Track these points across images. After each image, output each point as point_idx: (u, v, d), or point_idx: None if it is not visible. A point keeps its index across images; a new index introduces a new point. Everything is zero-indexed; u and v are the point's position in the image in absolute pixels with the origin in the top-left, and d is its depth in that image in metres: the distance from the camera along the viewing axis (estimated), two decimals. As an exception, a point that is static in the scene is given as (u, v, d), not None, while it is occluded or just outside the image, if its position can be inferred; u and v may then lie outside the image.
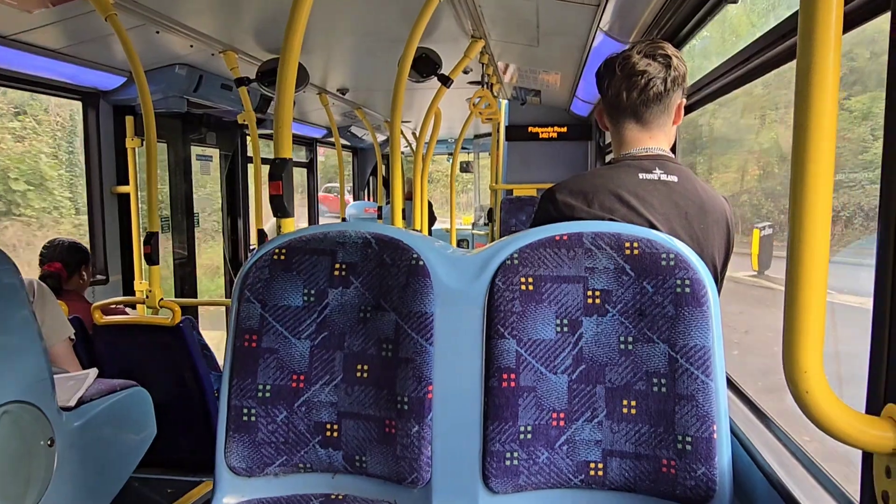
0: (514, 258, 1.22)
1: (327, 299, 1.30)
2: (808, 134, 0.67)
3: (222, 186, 5.31)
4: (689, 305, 1.14)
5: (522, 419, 1.19)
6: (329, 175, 12.10)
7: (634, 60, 1.42)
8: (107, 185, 3.89)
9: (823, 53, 0.66)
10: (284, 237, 1.35)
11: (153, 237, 2.98)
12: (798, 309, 0.68)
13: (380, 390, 1.26)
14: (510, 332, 1.21)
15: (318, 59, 4.02)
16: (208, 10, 3.00)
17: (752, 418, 1.46)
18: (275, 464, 1.28)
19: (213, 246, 5.72)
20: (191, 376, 2.85)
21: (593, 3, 2.55)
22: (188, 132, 4.75)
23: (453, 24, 3.08)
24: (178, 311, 2.83)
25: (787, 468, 1.18)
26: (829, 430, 0.69)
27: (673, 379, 1.14)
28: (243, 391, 1.29)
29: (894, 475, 0.69)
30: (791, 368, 0.69)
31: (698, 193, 1.42)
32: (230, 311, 1.34)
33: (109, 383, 2.50)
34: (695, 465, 1.11)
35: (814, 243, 0.68)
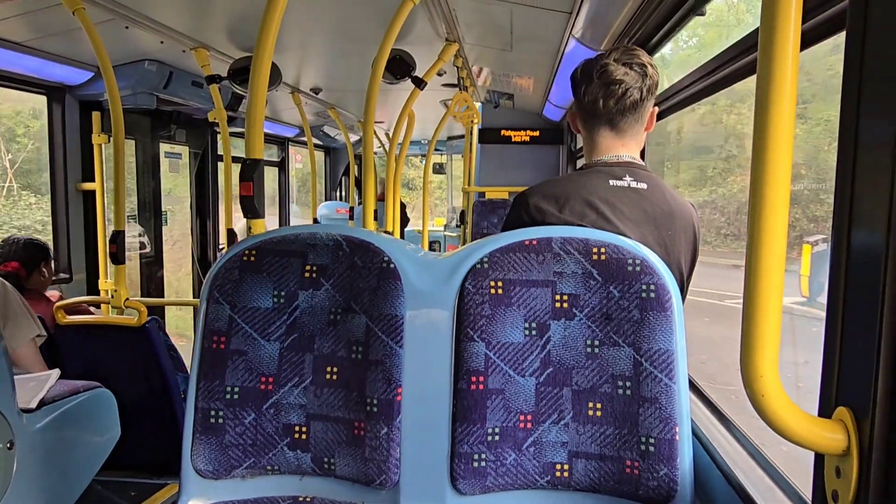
0: (484, 262, 1.24)
1: (297, 301, 1.30)
2: (766, 146, 0.70)
3: (191, 185, 5.24)
4: (654, 310, 1.17)
5: (490, 421, 1.21)
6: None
7: (612, 69, 1.43)
8: (72, 182, 3.81)
9: (782, 68, 0.69)
10: (255, 238, 1.34)
11: (119, 235, 2.93)
12: (755, 316, 0.71)
13: (349, 392, 1.26)
14: (479, 335, 1.22)
15: (292, 58, 4.00)
16: (179, 6, 2.96)
17: (713, 420, 1.49)
18: (242, 466, 1.27)
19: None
20: (157, 377, 2.81)
21: (566, 11, 2.58)
22: (157, 129, 4.67)
23: (427, 26, 3.09)
24: (145, 311, 2.79)
25: (745, 469, 1.21)
26: (783, 432, 0.72)
27: (637, 382, 1.17)
28: (211, 393, 1.28)
29: (843, 475, 0.72)
30: (748, 373, 0.72)
31: (667, 200, 1.45)
32: (198, 312, 1.33)
33: (72, 384, 2.45)
34: (657, 466, 1.14)
35: (770, 253, 0.70)
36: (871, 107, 0.69)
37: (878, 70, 0.68)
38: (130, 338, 2.77)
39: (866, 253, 0.69)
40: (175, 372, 2.87)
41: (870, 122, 0.69)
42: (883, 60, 0.67)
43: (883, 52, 0.67)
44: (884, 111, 0.67)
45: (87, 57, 3.44)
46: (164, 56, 3.64)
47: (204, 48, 3.49)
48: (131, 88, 3.70)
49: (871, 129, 0.69)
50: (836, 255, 0.74)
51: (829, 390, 0.76)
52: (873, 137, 0.69)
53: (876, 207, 0.68)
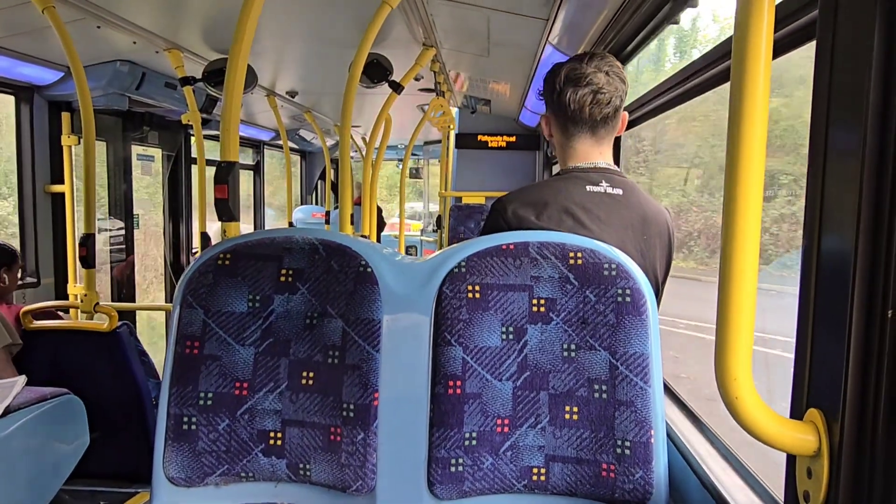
0: (461, 266, 1.24)
1: (273, 305, 1.28)
2: (739, 153, 0.71)
3: (164, 188, 5.16)
4: (630, 314, 1.18)
5: (468, 426, 1.20)
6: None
7: (599, 78, 1.43)
8: (40, 184, 3.72)
9: (755, 76, 0.70)
10: (229, 242, 1.33)
11: (89, 239, 2.87)
12: (729, 321, 0.72)
13: (325, 397, 1.25)
14: (457, 340, 1.22)
15: (267, 60, 3.97)
16: (153, 6, 2.92)
17: (688, 423, 1.51)
18: (215, 473, 1.25)
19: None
20: (128, 384, 2.76)
21: (543, 17, 2.60)
22: (129, 131, 4.60)
23: (405, 31, 3.09)
24: (115, 315, 2.73)
25: (719, 471, 1.23)
26: (756, 433, 0.73)
27: (613, 385, 1.18)
28: (184, 399, 1.26)
29: (815, 476, 0.73)
30: (722, 376, 0.73)
31: (642, 206, 1.47)
32: (171, 316, 1.31)
33: (39, 391, 2.40)
34: (633, 469, 1.15)
35: (743, 259, 0.71)
36: (840, 116, 0.71)
37: (847, 80, 0.70)
38: (100, 343, 2.72)
39: (836, 258, 0.71)
40: (146, 378, 2.82)
41: (839, 131, 0.71)
42: (851, 71, 0.69)
43: (851, 62, 0.69)
44: (852, 120, 0.68)
45: (56, 56, 3.38)
46: (136, 57, 3.59)
47: (178, 49, 3.44)
48: (102, 89, 3.64)
49: (840, 138, 0.71)
50: (807, 260, 0.76)
51: (800, 392, 0.78)
52: (842, 145, 0.70)
53: (845, 213, 0.69)
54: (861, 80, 0.67)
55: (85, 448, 2.55)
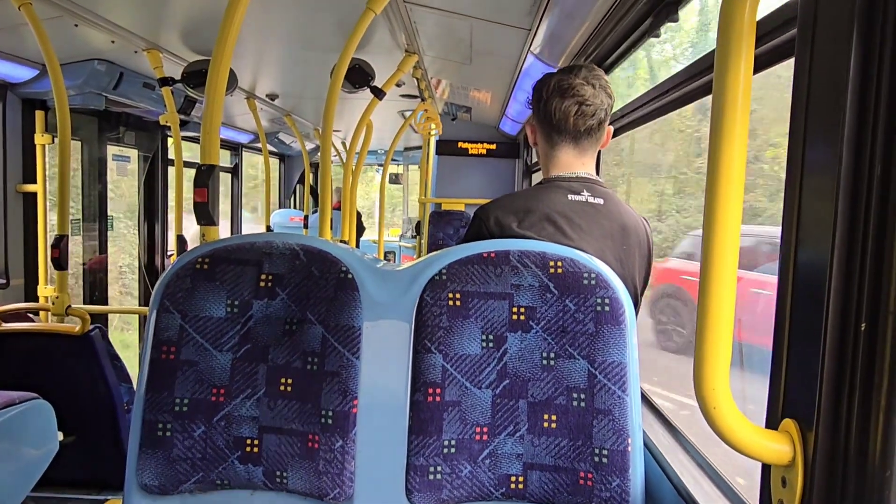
0: (442, 274, 1.24)
1: (251, 311, 1.27)
2: (720, 165, 0.72)
3: (140, 189, 5.09)
4: (609, 323, 1.19)
5: (447, 433, 1.20)
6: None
7: (585, 89, 1.45)
8: (11, 183, 3.65)
9: (735, 90, 0.71)
10: (208, 246, 1.31)
11: (62, 240, 2.81)
12: (707, 332, 0.73)
13: (304, 404, 1.24)
14: (437, 347, 1.22)
15: (248, 63, 3.94)
16: (132, 5, 2.88)
17: (664, 432, 1.53)
18: (190, 481, 1.23)
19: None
20: (99, 388, 2.70)
21: (525, 27, 2.62)
22: (105, 131, 4.53)
23: (388, 37, 3.09)
24: (88, 318, 2.68)
25: (694, 479, 1.24)
26: (733, 443, 0.74)
27: (592, 394, 1.19)
28: (159, 405, 1.24)
29: (789, 485, 0.74)
30: (700, 386, 0.74)
31: (622, 216, 1.48)
32: (147, 320, 1.28)
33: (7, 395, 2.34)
34: (610, 478, 1.16)
35: (723, 271, 0.73)
36: (817, 131, 0.72)
37: (824, 96, 0.71)
38: (72, 347, 2.66)
39: (811, 271, 0.72)
40: (119, 382, 2.77)
41: (815, 146, 0.73)
42: (828, 87, 0.71)
43: (828, 79, 0.71)
44: (828, 136, 0.70)
45: (32, 54, 3.32)
46: (114, 56, 3.54)
47: (157, 50, 3.40)
48: (79, 88, 3.58)
49: (817, 153, 0.72)
50: (784, 273, 0.77)
51: (775, 403, 0.79)
52: (819, 161, 0.72)
53: (820, 228, 0.71)
54: (837, 96, 0.68)
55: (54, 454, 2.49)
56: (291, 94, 5.09)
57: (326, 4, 2.72)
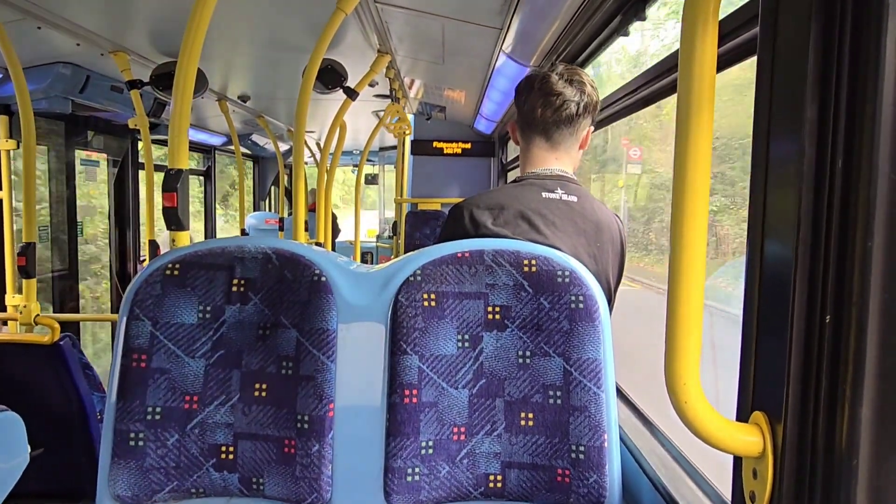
0: (417, 274, 1.24)
1: (224, 316, 1.25)
2: (686, 162, 0.73)
3: (110, 194, 5.00)
4: (583, 321, 1.20)
5: (424, 434, 1.20)
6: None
7: (553, 81, 1.49)
8: None
9: (700, 88, 0.72)
10: (178, 251, 1.29)
11: (29, 248, 2.75)
12: (677, 326, 0.74)
13: (279, 409, 1.23)
14: (413, 348, 1.22)
15: (218, 64, 3.89)
16: (97, 7, 2.83)
17: (640, 426, 1.54)
18: (164, 490, 1.21)
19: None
20: (71, 398, 2.65)
21: (496, 27, 2.63)
22: (72, 135, 4.43)
23: (359, 37, 3.07)
24: (57, 327, 2.62)
25: (670, 473, 1.25)
26: (704, 437, 0.75)
27: (567, 391, 1.19)
28: (130, 414, 1.21)
29: (760, 477, 0.76)
30: (671, 380, 0.75)
31: (595, 213, 1.49)
32: (117, 328, 1.26)
33: None
34: (587, 474, 1.16)
35: (691, 264, 0.73)
36: (780, 127, 0.74)
37: (786, 93, 0.73)
38: (42, 356, 2.60)
39: (777, 265, 0.74)
40: (91, 392, 2.72)
41: (779, 142, 0.74)
42: (789, 85, 0.72)
43: (789, 77, 0.72)
44: (790, 131, 0.71)
45: (-7, 58, 3.24)
46: (80, 59, 3.47)
47: (124, 52, 3.34)
48: (43, 92, 3.50)
49: (780, 147, 0.73)
50: (751, 267, 0.78)
51: (745, 395, 0.80)
52: (782, 154, 0.73)
53: (785, 223, 0.72)
54: (799, 93, 0.70)
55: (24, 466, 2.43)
56: (264, 95, 5.04)
57: (296, 5, 2.70)
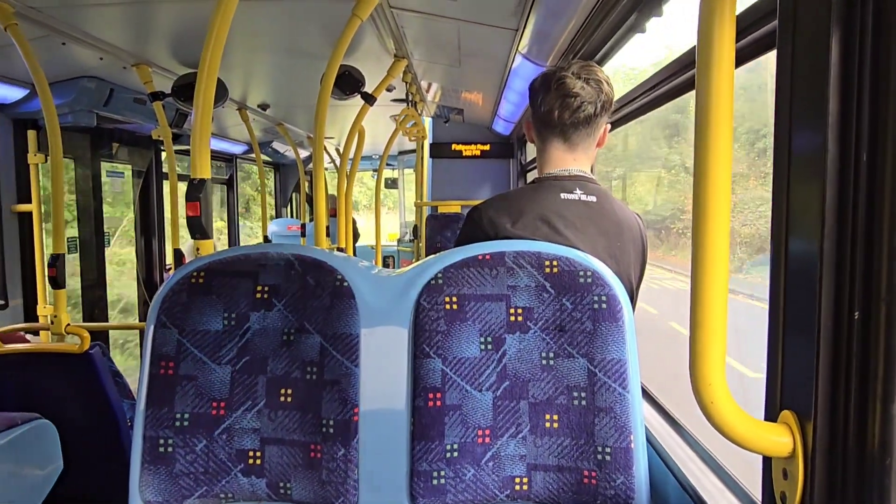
0: (438, 278, 1.24)
1: (249, 323, 1.27)
2: (706, 159, 0.72)
3: (135, 204, 5.08)
4: (606, 321, 1.19)
5: (449, 437, 1.20)
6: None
7: (570, 82, 1.45)
8: (6, 204, 3.64)
9: (718, 84, 0.71)
10: (203, 259, 1.31)
11: (59, 259, 2.81)
12: (702, 326, 0.73)
13: (304, 414, 1.24)
14: (435, 352, 1.22)
15: (238, 74, 3.94)
16: (119, 22, 2.88)
17: (667, 427, 1.52)
18: (194, 495, 1.23)
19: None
20: (102, 406, 2.70)
21: (512, 28, 2.63)
22: (98, 148, 4.52)
23: (376, 43, 3.09)
24: (87, 336, 2.67)
25: (698, 474, 1.24)
26: (731, 437, 0.74)
27: (592, 392, 1.18)
28: (159, 420, 1.23)
29: (791, 477, 0.74)
30: (697, 381, 0.74)
31: (615, 213, 1.48)
32: (145, 337, 1.28)
33: (9, 417, 2.34)
34: (614, 475, 1.15)
35: (714, 263, 0.72)
36: (802, 122, 0.72)
37: (807, 87, 0.72)
38: (72, 365, 2.66)
39: (803, 261, 0.72)
40: (121, 399, 2.77)
41: (801, 137, 0.73)
42: (810, 78, 0.71)
43: (810, 70, 0.71)
44: (813, 126, 0.70)
45: (20, 74, 3.31)
46: (103, 73, 3.53)
47: (146, 64, 3.40)
48: (69, 106, 3.57)
49: (803, 144, 0.72)
50: (776, 263, 0.77)
51: (773, 394, 0.79)
52: (805, 151, 0.72)
53: (810, 215, 0.71)
54: (820, 86, 0.69)
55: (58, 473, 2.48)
56: (283, 103, 5.09)
57: (312, 13, 2.72)
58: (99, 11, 2.67)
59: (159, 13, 2.79)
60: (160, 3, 2.63)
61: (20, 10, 2.44)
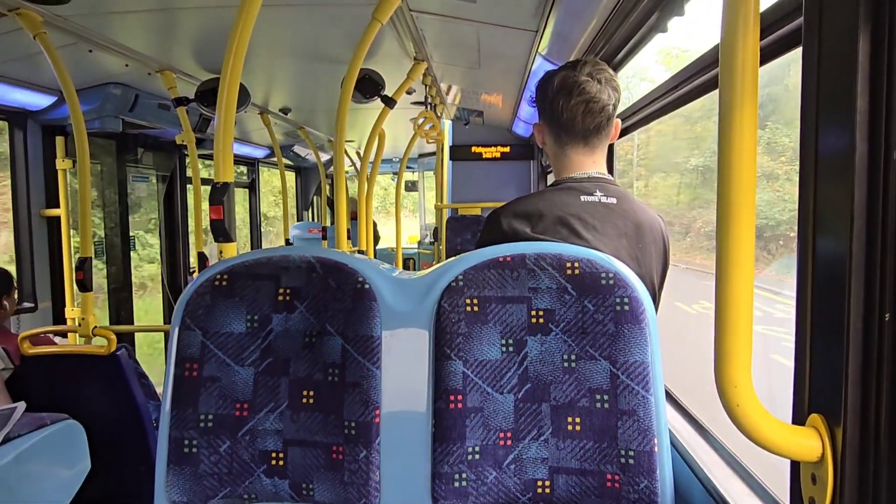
0: (459, 280, 1.24)
1: (271, 325, 1.28)
2: (730, 160, 0.71)
3: (160, 208, 5.16)
4: (629, 323, 1.18)
5: (470, 440, 1.20)
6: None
7: (590, 86, 1.42)
8: (35, 208, 3.72)
9: (742, 83, 0.70)
10: (226, 262, 1.32)
11: (86, 262, 2.86)
12: (727, 327, 0.72)
13: (326, 416, 1.25)
14: (456, 354, 1.22)
15: (260, 78, 3.98)
16: (143, 29, 2.94)
17: (691, 430, 1.51)
18: (218, 496, 1.24)
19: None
20: (128, 407, 2.74)
21: (532, 29, 2.62)
22: (123, 153, 4.61)
23: (396, 46, 3.10)
24: (114, 339, 2.72)
25: (724, 479, 1.22)
26: (758, 440, 0.73)
27: (615, 395, 1.17)
28: (184, 422, 1.25)
29: (819, 482, 0.73)
30: (722, 383, 0.73)
31: (636, 214, 1.47)
32: (169, 339, 1.30)
33: (39, 417, 2.38)
34: (638, 479, 1.14)
35: (739, 265, 0.71)
36: (829, 120, 0.71)
37: (834, 84, 0.70)
38: (99, 367, 2.70)
39: (831, 262, 0.71)
40: (147, 401, 2.81)
41: (828, 135, 0.71)
42: (838, 75, 0.70)
43: (837, 67, 0.70)
44: (841, 124, 0.69)
45: (49, 81, 3.39)
46: (128, 79, 3.60)
47: (170, 70, 3.46)
48: (96, 112, 3.64)
49: (830, 142, 0.71)
50: (803, 264, 0.76)
51: (801, 397, 0.77)
52: (832, 150, 0.71)
53: (837, 215, 0.70)
54: (848, 84, 0.67)
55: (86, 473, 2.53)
56: (304, 107, 5.14)
57: (333, 18, 2.75)
58: (124, 19, 2.73)
59: (183, 20, 2.83)
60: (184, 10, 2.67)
61: (49, 19, 2.50)
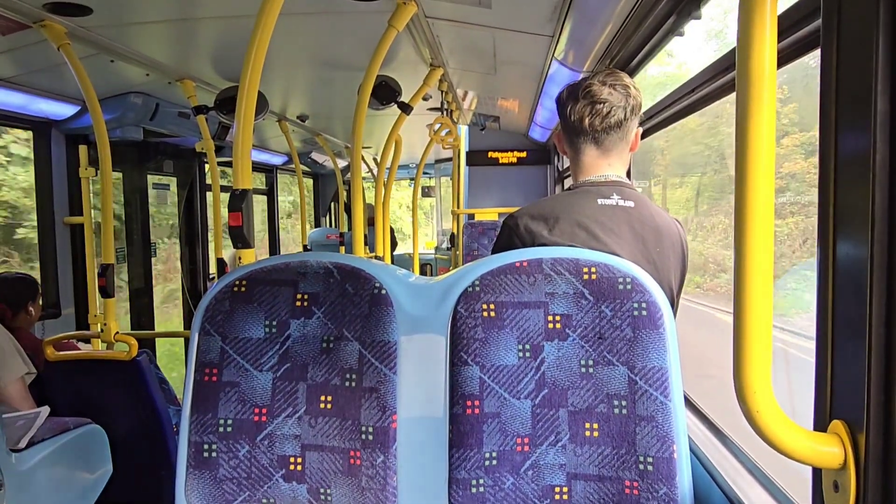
0: (475, 285, 1.24)
1: (289, 330, 1.29)
2: (748, 163, 0.71)
3: (180, 215, 5.23)
4: (647, 328, 1.17)
5: (487, 446, 1.20)
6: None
7: (597, 89, 1.47)
8: (59, 216, 3.79)
9: (760, 86, 0.70)
10: (245, 268, 1.34)
11: (108, 269, 2.91)
12: (746, 333, 0.71)
13: (344, 421, 1.25)
14: (473, 359, 1.22)
15: (277, 86, 4.02)
16: (164, 38, 2.98)
17: (711, 437, 1.49)
18: (237, 500, 1.25)
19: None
20: (149, 412, 2.77)
21: (548, 34, 2.62)
22: (144, 161, 4.67)
23: (412, 52, 3.12)
24: (135, 344, 2.76)
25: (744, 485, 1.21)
26: (779, 447, 0.72)
27: (633, 400, 1.17)
28: (203, 426, 1.26)
29: (842, 489, 0.72)
30: (741, 389, 0.72)
31: (654, 219, 1.46)
32: (189, 344, 1.32)
33: (62, 422, 2.42)
34: (657, 486, 1.13)
35: (758, 270, 0.71)
36: (848, 122, 0.70)
37: (853, 86, 0.70)
38: (121, 372, 2.74)
39: (851, 264, 0.70)
40: (167, 405, 2.84)
41: (847, 137, 0.71)
42: (856, 77, 0.69)
43: (856, 69, 0.69)
44: (860, 126, 0.68)
45: (72, 91, 3.45)
46: (149, 88, 3.66)
47: (190, 79, 3.50)
48: (118, 121, 3.71)
49: (849, 144, 0.70)
50: (823, 268, 0.75)
51: (822, 404, 0.76)
52: (851, 152, 0.70)
53: (857, 219, 0.69)
54: (867, 85, 0.67)
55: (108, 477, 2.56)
56: (321, 114, 5.18)
57: (350, 25, 2.77)
58: (146, 29, 2.77)
59: (202, 30, 2.87)
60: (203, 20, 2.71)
61: (72, 30, 2.55)
